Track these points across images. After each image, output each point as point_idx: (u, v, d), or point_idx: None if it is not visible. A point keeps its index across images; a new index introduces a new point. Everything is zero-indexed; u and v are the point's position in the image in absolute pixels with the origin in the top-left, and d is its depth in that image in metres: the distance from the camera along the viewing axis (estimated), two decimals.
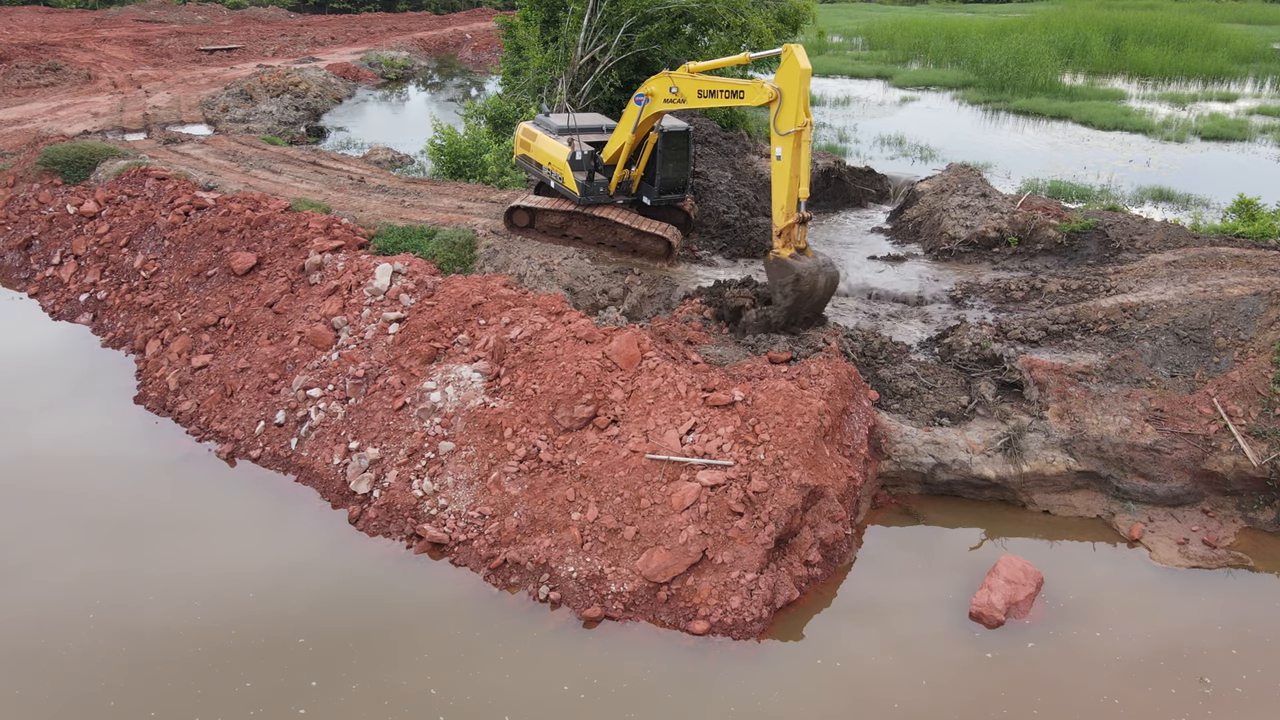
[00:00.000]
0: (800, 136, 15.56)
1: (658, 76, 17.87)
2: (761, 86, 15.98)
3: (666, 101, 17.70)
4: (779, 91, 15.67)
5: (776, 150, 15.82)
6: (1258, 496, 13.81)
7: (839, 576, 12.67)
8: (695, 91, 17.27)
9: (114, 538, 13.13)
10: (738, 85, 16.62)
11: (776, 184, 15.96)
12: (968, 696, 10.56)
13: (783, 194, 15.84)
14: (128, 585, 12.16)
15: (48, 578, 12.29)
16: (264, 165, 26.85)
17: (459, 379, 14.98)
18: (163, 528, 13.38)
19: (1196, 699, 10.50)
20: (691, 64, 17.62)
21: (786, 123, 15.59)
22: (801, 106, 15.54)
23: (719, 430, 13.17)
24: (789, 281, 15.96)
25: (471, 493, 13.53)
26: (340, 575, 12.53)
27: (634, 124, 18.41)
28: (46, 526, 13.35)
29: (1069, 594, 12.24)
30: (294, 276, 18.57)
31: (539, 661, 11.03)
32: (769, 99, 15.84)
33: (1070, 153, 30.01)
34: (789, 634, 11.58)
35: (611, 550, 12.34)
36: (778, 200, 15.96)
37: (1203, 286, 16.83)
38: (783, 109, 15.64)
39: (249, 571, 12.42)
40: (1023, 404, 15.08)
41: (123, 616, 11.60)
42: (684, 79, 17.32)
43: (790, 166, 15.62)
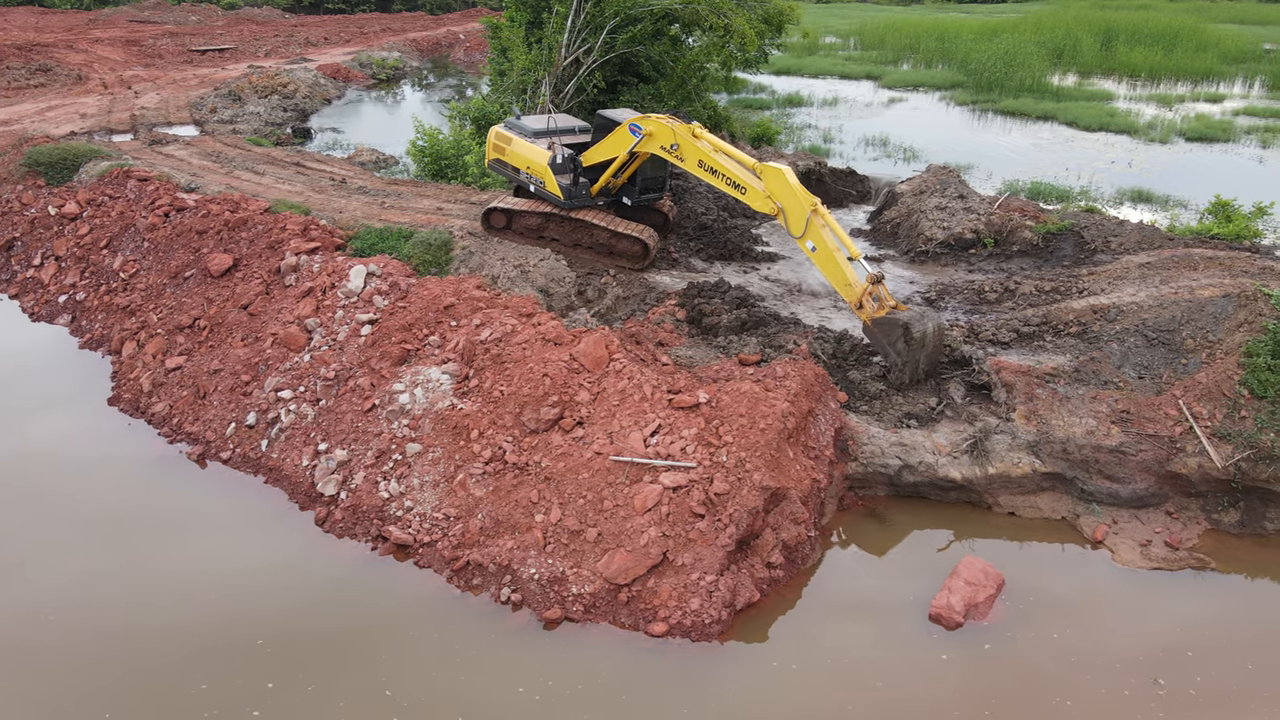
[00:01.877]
0: (818, 216, 15.22)
1: (660, 123, 17.44)
2: (767, 199, 15.74)
3: (662, 149, 17.48)
4: (780, 206, 15.58)
5: (808, 245, 15.42)
6: (1222, 498, 13.85)
7: (802, 578, 12.71)
8: (696, 160, 16.87)
9: (77, 540, 13.16)
10: (743, 181, 16.14)
11: (826, 271, 15.39)
12: (920, 699, 10.60)
13: (838, 273, 15.16)
14: (88, 587, 12.19)
15: (7, 579, 12.31)
16: (247, 166, 26.90)
17: (428, 381, 15.02)
18: (127, 530, 13.41)
19: (1149, 700, 10.54)
20: (698, 128, 17.20)
21: (798, 223, 15.36)
22: (803, 198, 15.32)
23: (683, 432, 13.21)
24: (899, 336, 14.75)
25: (437, 494, 13.57)
26: (304, 577, 12.56)
27: (627, 149, 18.20)
28: (9, 528, 13.38)
29: (1029, 596, 12.27)
30: (269, 278, 18.60)
31: (496, 663, 11.06)
32: (774, 213, 15.76)
33: (1054, 153, 30.05)
34: (749, 636, 11.61)
35: (574, 552, 12.38)
36: (836, 281, 15.26)
37: (1174, 288, 16.87)
38: (790, 217, 15.55)
39: (212, 574, 12.45)
40: (991, 406, 15.11)
41: (83, 618, 11.63)
42: (688, 142, 16.87)
43: (827, 245, 15.12)
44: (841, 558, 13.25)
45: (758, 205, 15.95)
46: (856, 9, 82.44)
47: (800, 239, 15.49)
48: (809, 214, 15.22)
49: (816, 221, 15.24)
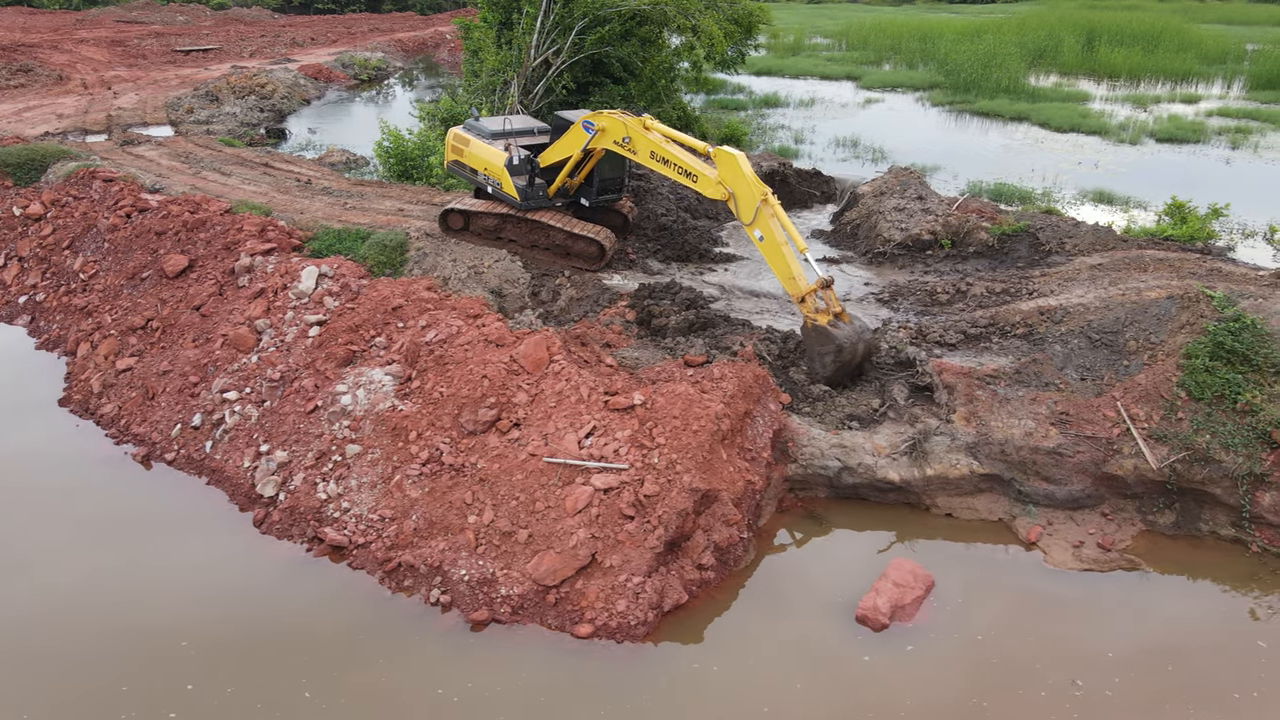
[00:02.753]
0: (768, 205, 15.34)
1: (611, 117, 17.61)
2: (717, 185, 15.82)
3: (616, 144, 17.60)
4: (731, 191, 15.67)
5: (756, 233, 15.57)
6: (1157, 500, 13.89)
7: (733, 580, 12.73)
8: (649, 152, 17.01)
9: (12, 540, 13.18)
10: (694, 169, 16.27)
11: (772, 261, 15.49)
12: (837, 700, 10.63)
13: (784, 265, 15.25)
14: (13, 586, 12.22)
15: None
16: (215, 167, 26.92)
17: (370, 382, 15.05)
18: (64, 530, 13.42)
19: (1064, 701, 10.57)
20: (650, 120, 17.38)
21: (749, 209, 15.48)
22: (754, 186, 15.42)
23: (617, 434, 13.24)
24: (830, 351, 15.09)
25: (374, 496, 13.60)
26: (235, 579, 12.57)
27: (581, 147, 18.34)
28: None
29: (958, 597, 12.31)
30: (224, 279, 18.62)
31: (418, 665, 11.09)
32: (724, 198, 15.83)
33: (1022, 154, 30.07)
34: (675, 637, 11.64)
35: (504, 553, 12.41)
36: (781, 273, 15.37)
37: (1122, 290, 16.91)
38: (740, 202, 15.65)
39: (140, 576, 12.48)
40: (933, 407, 15.14)
41: (3, 615, 11.67)
42: (639, 134, 17.05)
43: (775, 236, 15.25)
44: (776, 559, 13.27)
45: (709, 191, 16.02)
46: (846, 9, 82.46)
47: (749, 226, 15.57)
48: (759, 202, 15.28)
49: (766, 211, 15.31)
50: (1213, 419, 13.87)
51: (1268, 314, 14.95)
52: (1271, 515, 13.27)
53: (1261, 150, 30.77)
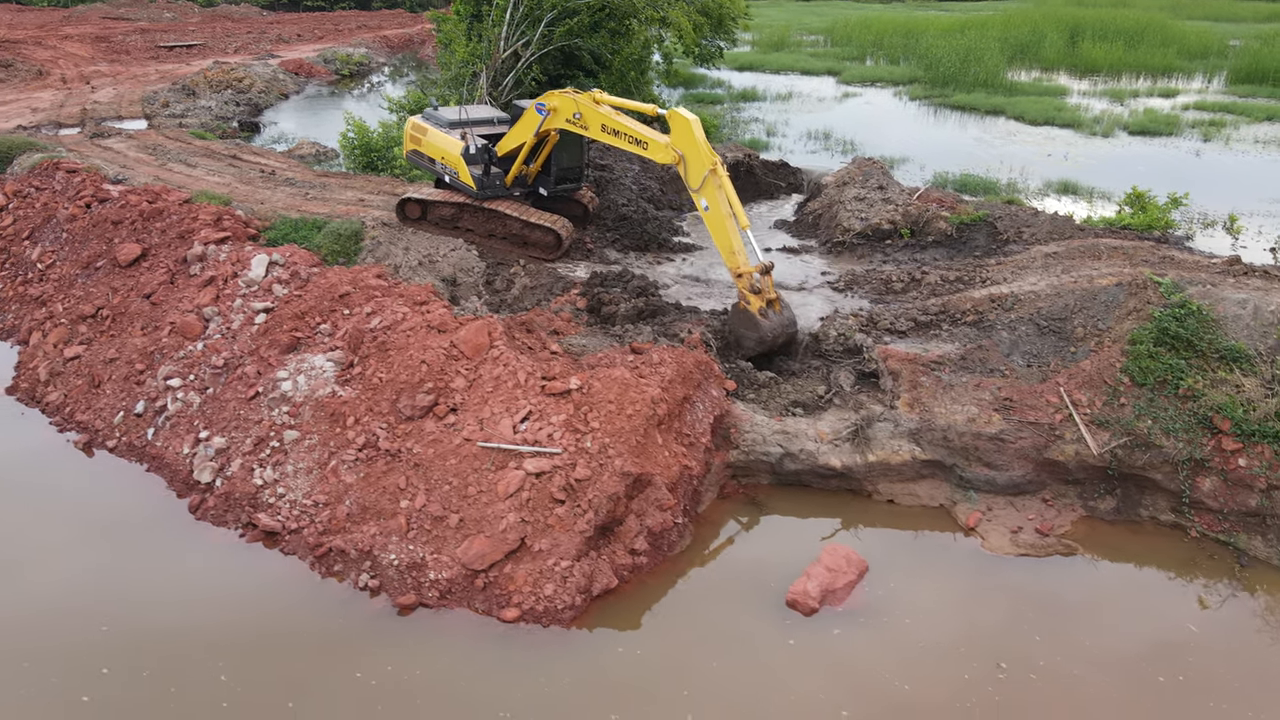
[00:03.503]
0: (716, 176, 15.49)
1: (561, 95, 17.77)
2: (666, 148, 15.95)
3: (568, 122, 17.67)
4: (681, 155, 15.72)
5: (701, 202, 15.73)
6: (1098, 485, 13.81)
7: (667, 565, 12.64)
8: (600, 125, 17.18)
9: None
10: (644, 136, 16.48)
11: (714, 231, 15.71)
12: (758, 682, 10.54)
13: (725, 237, 15.49)
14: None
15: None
16: (182, 159, 26.81)
17: (311, 368, 14.95)
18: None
19: (987, 684, 10.49)
20: (599, 93, 17.50)
21: (698, 175, 15.62)
22: (705, 153, 15.53)
23: (552, 418, 13.15)
24: (753, 336, 15.55)
25: (309, 481, 13.50)
26: (163, 565, 12.47)
27: (534, 130, 18.37)
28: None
29: (891, 582, 12.22)
30: (175, 268, 18.52)
31: (340, 649, 10.99)
32: (674, 161, 15.93)
33: (993, 147, 29.98)
34: (602, 621, 11.55)
35: (436, 538, 12.31)
36: (723, 244, 15.62)
37: (1074, 277, 16.83)
38: (690, 167, 15.76)
39: (66, 562, 12.36)
40: (879, 394, 15.06)
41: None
42: (589, 109, 17.20)
43: (719, 208, 15.42)
44: (713, 545, 13.18)
45: (659, 156, 16.07)
46: (834, 7, 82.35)
47: (696, 193, 15.64)
48: (708, 171, 15.30)
49: (713, 181, 15.38)
50: (1155, 404, 13.79)
51: (1215, 300, 14.86)
52: (1211, 500, 13.19)
53: (1233, 143, 30.70)
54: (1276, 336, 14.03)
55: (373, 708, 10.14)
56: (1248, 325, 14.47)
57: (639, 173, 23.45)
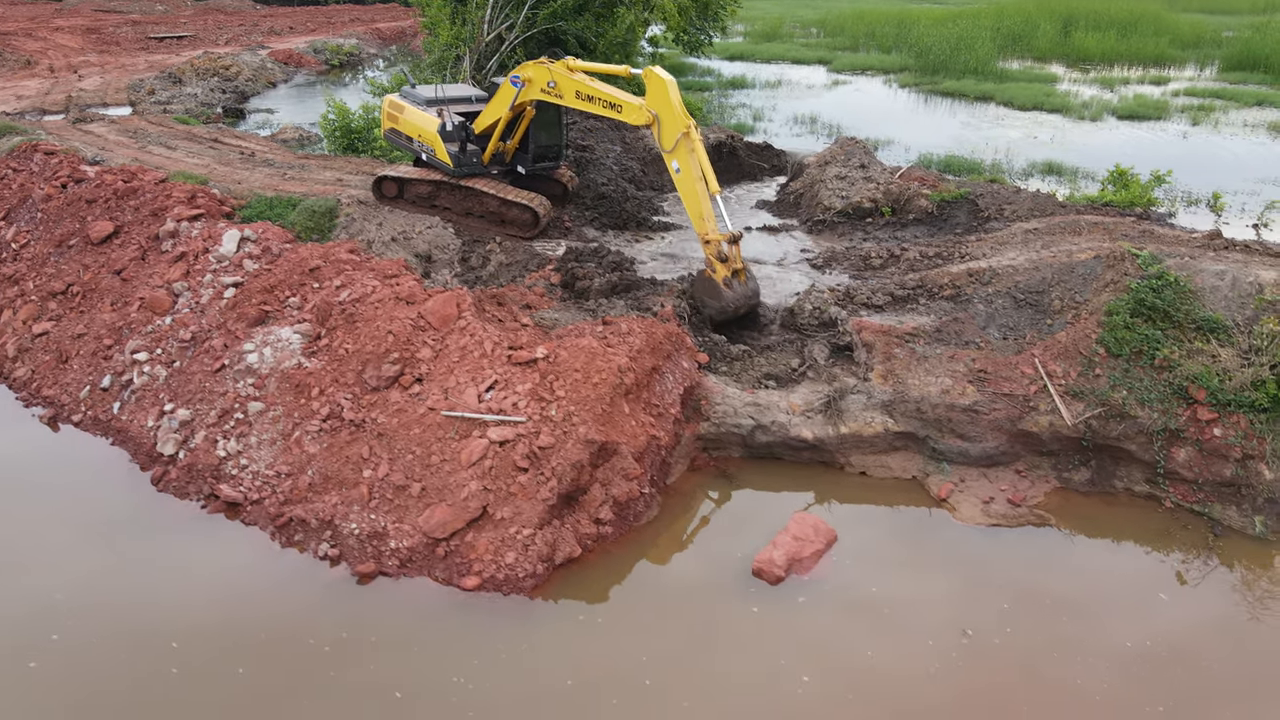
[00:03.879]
0: (689, 139, 15.45)
1: (535, 65, 17.66)
2: (640, 109, 15.88)
3: (543, 92, 17.57)
4: (655, 114, 15.62)
5: (673, 165, 15.72)
6: (1073, 457, 13.63)
7: (633, 535, 12.45)
8: (574, 92, 17.13)
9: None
10: (617, 99, 16.43)
11: (685, 195, 15.71)
12: (719, 650, 10.36)
13: (695, 201, 15.51)
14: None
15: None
16: (162, 142, 26.60)
17: (278, 341, 14.76)
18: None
19: (951, 650, 10.31)
20: (572, 60, 17.44)
21: (671, 137, 15.57)
22: (679, 115, 15.46)
23: (517, 387, 12.97)
24: (715, 308, 15.63)
25: (273, 452, 13.32)
26: (122, 536, 12.28)
27: (510, 103, 18.24)
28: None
29: (860, 552, 12.05)
30: (146, 244, 18.33)
31: (294, 617, 10.80)
32: (647, 122, 15.85)
33: (980, 130, 29.78)
34: (564, 590, 11.37)
35: (398, 507, 12.14)
36: (692, 208, 15.66)
37: (1053, 252, 16.65)
38: (664, 127, 15.67)
39: (25, 535, 12.17)
40: (853, 366, 14.89)
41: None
42: (563, 76, 17.13)
43: (690, 171, 15.42)
44: (681, 516, 13.00)
45: (633, 118, 15.96)
46: (829, 0, 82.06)
47: (668, 154, 15.58)
48: (681, 133, 15.21)
49: (686, 144, 15.32)
50: (1130, 375, 13.61)
51: (1193, 272, 14.69)
52: (1186, 471, 13.01)
53: (1221, 126, 30.50)
54: (1254, 307, 13.85)
55: (324, 673, 9.96)
56: (1225, 296, 14.29)
57: (620, 153, 23.27)
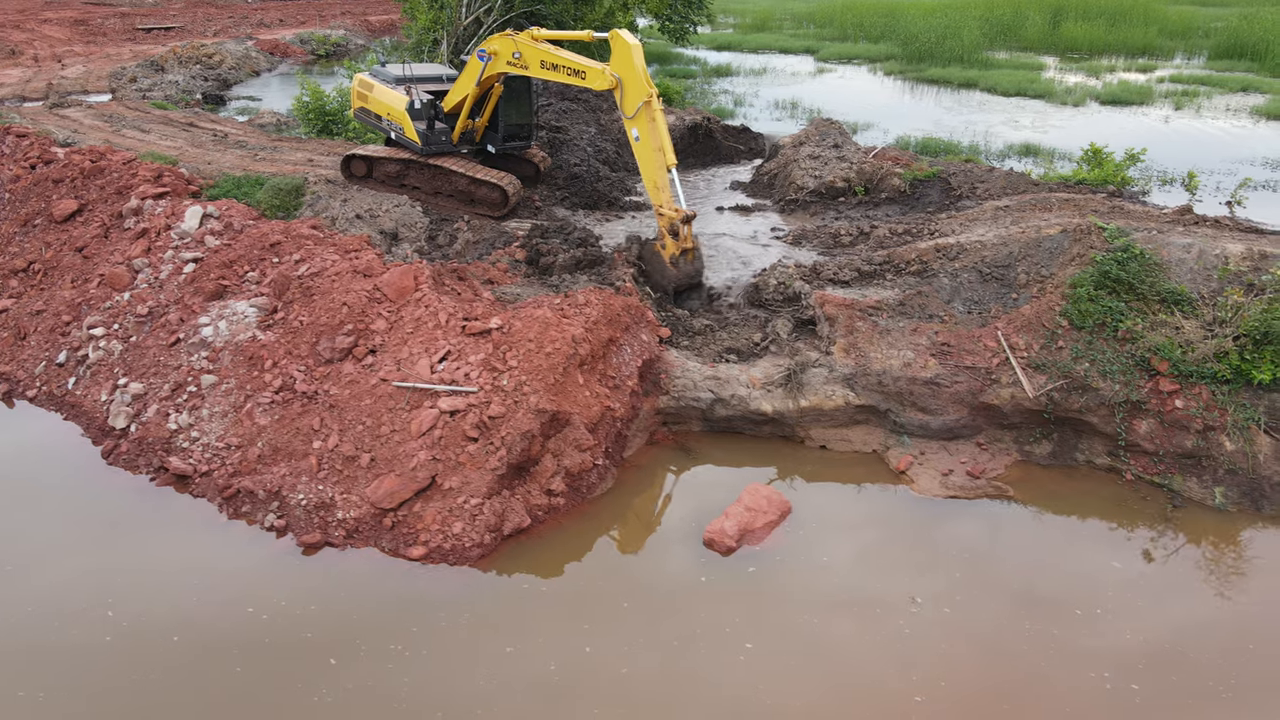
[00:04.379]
0: (650, 109, 15.43)
1: (500, 37, 17.55)
2: (602, 73, 15.84)
3: (509, 64, 17.46)
4: (618, 79, 15.55)
5: (633, 132, 15.73)
6: (1034, 430, 13.47)
7: (586, 506, 12.28)
8: (539, 61, 17.08)
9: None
10: (580, 65, 16.41)
11: (643, 163, 15.73)
12: (663, 618, 10.20)
13: (651, 170, 15.57)
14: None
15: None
16: (136, 125, 26.41)
17: (234, 314, 14.59)
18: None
19: (899, 618, 10.15)
20: (537, 30, 17.36)
21: (633, 103, 15.53)
22: (643, 82, 15.42)
23: (470, 358, 12.80)
24: (658, 284, 15.94)
25: (224, 424, 13.15)
26: (68, 508, 12.11)
27: (476, 78, 18.08)
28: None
29: (814, 523, 11.88)
30: (110, 222, 18.15)
31: (232, 586, 10.62)
32: (611, 85, 15.75)
33: (961, 115, 29.59)
34: (512, 560, 11.20)
35: (346, 477, 11.97)
36: (648, 178, 15.69)
37: (1022, 228, 16.46)
38: (626, 93, 15.64)
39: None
40: (816, 340, 14.72)
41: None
42: (528, 46, 17.05)
43: (650, 141, 15.44)
44: (637, 489, 12.83)
45: (596, 83, 15.88)
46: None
47: (629, 121, 15.53)
48: (643, 101, 15.20)
49: (646, 113, 15.28)
50: (1093, 347, 13.45)
51: (1159, 245, 14.53)
52: (1147, 443, 12.85)
53: (1203, 111, 30.33)
54: (1218, 277, 13.69)
55: (259, 639, 9.79)
56: (1191, 269, 14.14)
57: (595, 134, 23.09)
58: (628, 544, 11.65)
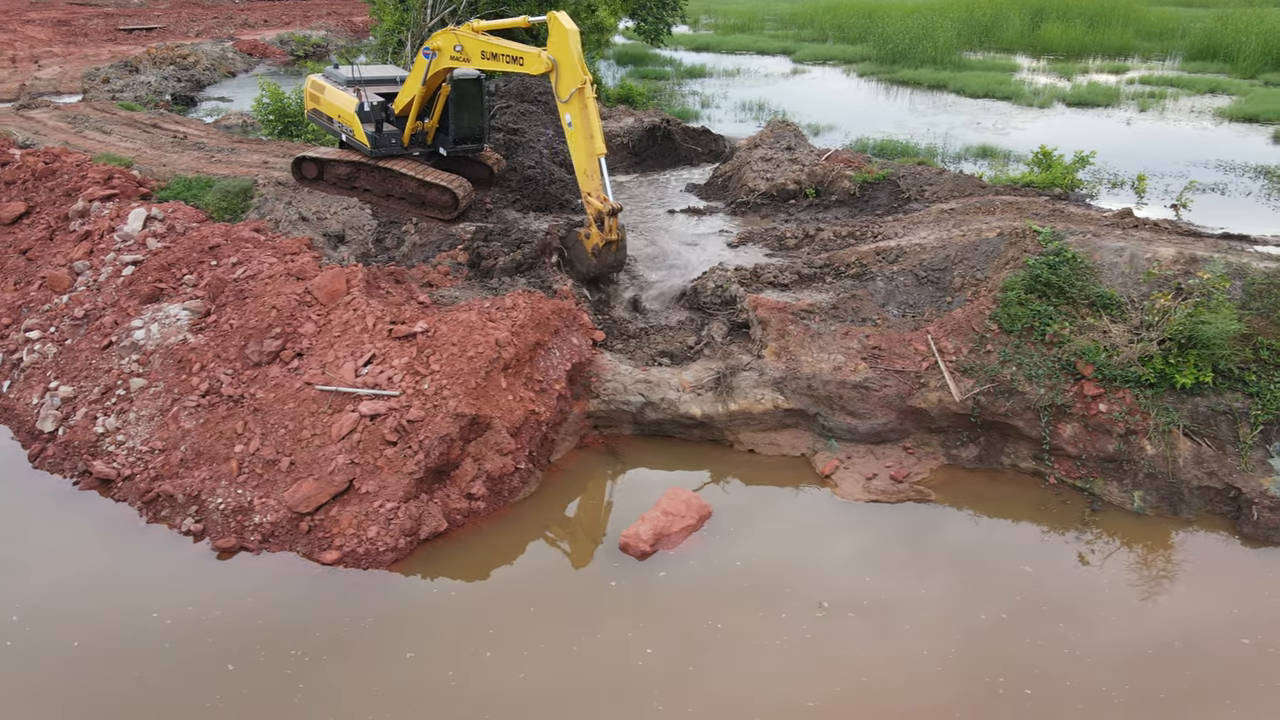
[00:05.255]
0: (583, 95, 15.49)
1: (443, 32, 17.55)
2: (539, 56, 15.86)
3: (452, 58, 17.44)
4: (554, 61, 15.55)
5: (566, 118, 15.80)
6: (961, 434, 13.48)
7: (507, 510, 12.28)
8: (479, 52, 17.06)
9: None
10: (517, 51, 16.41)
11: (574, 150, 15.87)
12: (567, 622, 10.20)
13: (582, 157, 15.73)
14: None
15: None
16: (99, 127, 26.39)
17: (166, 317, 14.58)
18: None
19: (803, 621, 10.15)
20: (477, 22, 17.37)
21: (567, 87, 15.57)
22: (578, 67, 15.45)
23: (394, 361, 12.80)
24: (582, 262, 16.28)
25: (150, 428, 13.14)
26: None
27: (422, 77, 18.08)
28: None
29: (733, 527, 11.88)
30: (56, 224, 18.14)
31: (140, 591, 10.61)
32: (546, 69, 15.75)
33: (925, 116, 29.59)
34: (426, 564, 11.20)
35: (266, 481, 11.97)
36: (579, 164, 15.85)
37: (963, 231, 16.49)
38: (561, 76, 15.66)
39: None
40: (749, 344, 14.72)
41: None
42: (468, 38, 17.05)
43: (582, 128, 15.54)
44: (561, 493, 12.82)
45: (533, 67, 15.95)
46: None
47: (563, 106, 15.63)
48: (576, 88, 15.28)
49: (579, 99, 15.39)
50: (1020, 351, 13.46)
51: (1094, 249, 14.53)
52: (1070, 446, 12.86)
53: (1168, 113, 30.34)
54: (1142, 281, 13.71)
55: (160, 645, 9.78)
56: (1123, 273, 14.14)
57: (552, 137, 23.05)
58: (545, 549, 11.65)
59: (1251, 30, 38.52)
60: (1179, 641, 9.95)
